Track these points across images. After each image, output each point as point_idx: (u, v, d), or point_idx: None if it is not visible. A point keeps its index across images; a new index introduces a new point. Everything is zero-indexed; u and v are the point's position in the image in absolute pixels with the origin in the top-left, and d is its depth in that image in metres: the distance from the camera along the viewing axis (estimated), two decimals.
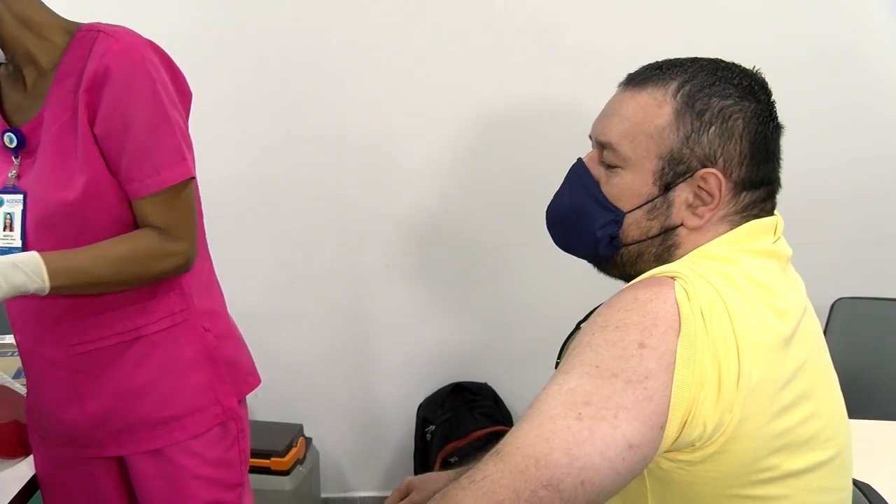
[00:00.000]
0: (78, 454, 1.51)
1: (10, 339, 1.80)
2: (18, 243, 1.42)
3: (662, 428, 0.96)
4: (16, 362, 1.76)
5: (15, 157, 1.45)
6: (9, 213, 1.43)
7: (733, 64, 1.14)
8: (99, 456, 1.52)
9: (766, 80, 1.15)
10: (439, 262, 2.57)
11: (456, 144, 2.46)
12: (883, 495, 1.22)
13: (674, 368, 0.96)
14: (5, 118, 1.45)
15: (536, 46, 2.36)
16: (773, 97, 1.13)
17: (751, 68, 1.14)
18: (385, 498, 1.46)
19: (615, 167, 1.14)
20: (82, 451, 1.51)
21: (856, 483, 1.16)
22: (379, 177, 2.47)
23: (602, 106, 1.18)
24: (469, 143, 2.45)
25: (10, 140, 1.42)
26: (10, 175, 1.44)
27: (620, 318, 1.01)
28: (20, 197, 1.42)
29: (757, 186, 1.12)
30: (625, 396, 0.96)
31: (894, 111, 2.36)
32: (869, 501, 1.21)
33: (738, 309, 1.00)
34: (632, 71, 1.17)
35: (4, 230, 1.43)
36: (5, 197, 1.43)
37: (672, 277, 1.02)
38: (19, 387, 1.66)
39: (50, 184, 1.39)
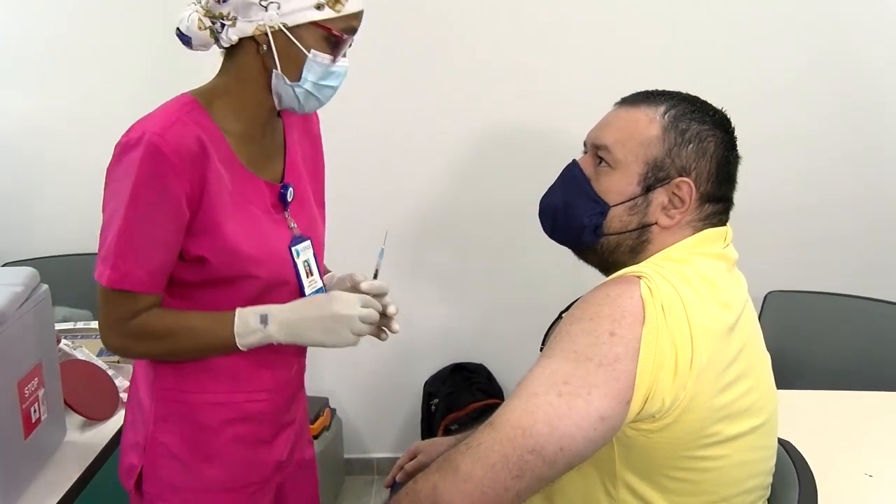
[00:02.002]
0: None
1: (95, 323, 1.79)
2: (321, 284, 1.33)
3: (628, 403, 0.99)
4: (98, 344, 1.74)
5: (285, 209, 1.29)
6: (305, 261, 1.30)
7: (707, 101, 1.17)
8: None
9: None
10: (443, 260, 2.56)
11: (458, 154, 2.45)
12: (803, 449, 1.26)
13: (638, 353, 0.99)
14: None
15: (530, 74, 2.37)
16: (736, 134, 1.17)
17: (720, 108, 1.18)
18: (397, 458, 1.51)
19: (607, 167, 1.15)
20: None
21: (780, 441, 1.20)
22: (388, 184, 2.46)
23: (583, 126, 1.21)
24: (471, 152, 2.45)
25: (291, 195, 1.29)
26: (291, 226, 1.29)
27: (594, 311, 1.03)
28: (308, 243, 1.31)
29: (717, 201, 1.15)
30: (597, 377, 0.98)
31: (823, 141, 2.38)
32: (789, 455, 1.24)
33: (691, 303, 1.03)
34: (625, 95, 1.20)
35: (308, 277, 1.30)
36: (299, 248, 1.29)
37: (638, 277, 1.05)
38: (102, 364, 1.69)
39: (320, 227, 1.38)
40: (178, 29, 1.20)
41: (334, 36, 1.15)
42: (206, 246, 1.17)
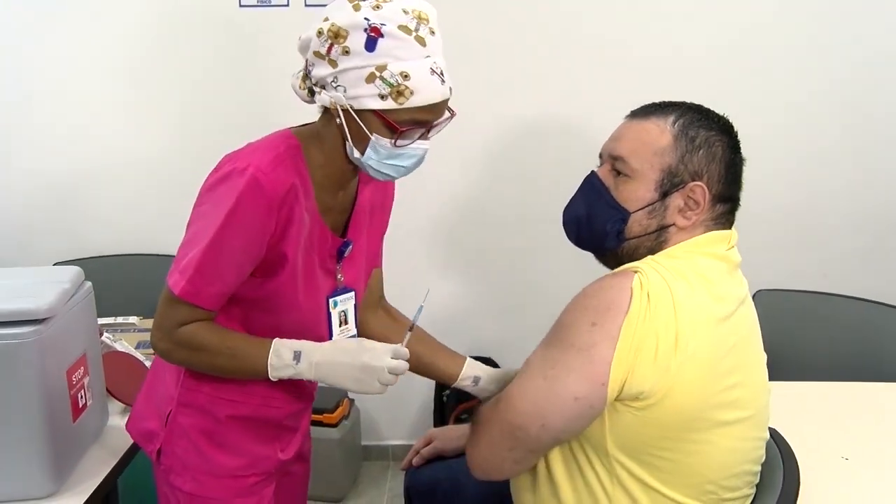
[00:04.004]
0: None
1: (133, 318, 1.87)
2: (355, 332, 1.32)
3: (604, 384, 1.04)
4: (137, 337, 1.83)
5: (338, 262, 1.28)
6: (343, 311, 1.29)
7: (711, 109, 1.19)
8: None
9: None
10: (456, 262, 2.56)
11: (473, 159, 2.45)
12: (788, 435, 1.29)
13: (617, 341, 1.03)
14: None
15: (544, 83, 2.35)
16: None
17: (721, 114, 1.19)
18: (411, 445, 1.56)
19: (625, 176, 1.16)
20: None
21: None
22: (407, 186, 2.44)
23: (603, 131, 1.23)
24: (486, 157, 2.45)
25: (349, 251, 1.28)
26: (338, 278, 1.28)
27: (584, 303, 1.10)
28: (352, 294, 1.30)
29: (726, 201, 1.17)
30: (575, 361, 1.05)
31: (813, 146, 2.39)
32: (774, 440, 1.26)
33: (681, 294, 1.06)
34: (634, 106, 1.22)
35: (341, 325, 1.29)
36: (339, 298, 1.28)
37: (635, 271, 1.08)
38: (140, 355, 1.72)
39: (364, 281, 1.36)
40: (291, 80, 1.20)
41: (392, 126, 1.10)
42: (261, 274, 1.18)
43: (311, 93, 1.16)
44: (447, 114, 1.17)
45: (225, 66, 2.39)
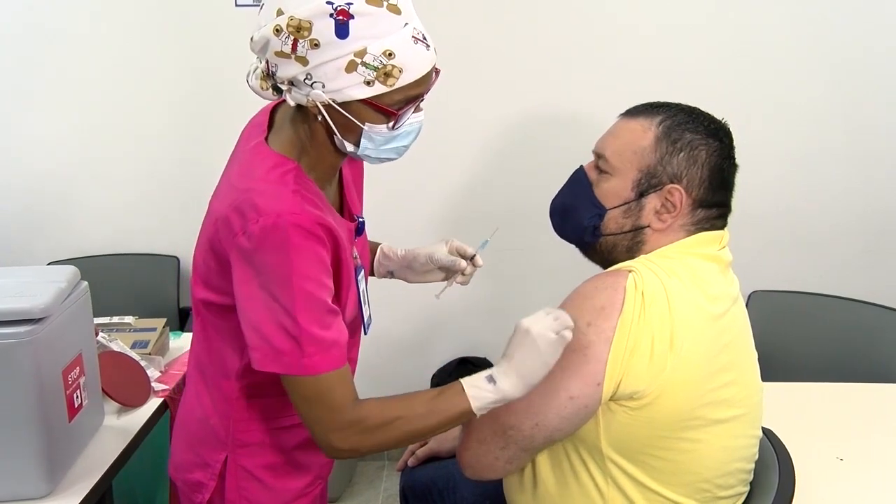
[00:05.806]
0: None
1: (129, 318, 1.86)
2: (370, 310, 1.26)
3: (600, 384, 1.04)
4: (132, 337, 1.80)
5: (353, 242, 1.19)
6: (364, 290, 1.22)
7: (707, 112, 1.18)
8: None
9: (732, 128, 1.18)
10: None
11: (468, 157, 2.45)
12: (783, 435, 1.30)
13: (612, 341, 1.04)
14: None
15: (553, 75, 2.34)
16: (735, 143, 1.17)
17: (720, 119, 1.18)
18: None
19: (606, 174, 1.17)
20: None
21: (762, 429, 1.23)
22: (403, 183, 2.40)
23: (602, 132, 1.23)
24: (481, 155, 2.44)
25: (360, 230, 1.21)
26: (354, 255, 1.17)
27: (579, 303, 1.10)
28: (362, 271, 1.22)
29: (710, 207, 1.16)
30: (570, 361, 1.05)
31: (807, 147, 2.39)
32: (769, 441, 1.27)
33: (675, 293, 1.06)
34: (627, 103, 1.22)
35: (365, 305, 1.23)
36: (359, 278, 1.19)
37: (629, 270, 1.09)
38: (135, 354, 1.70)
39: (367, 252, 1.31)
40: (247, 81, 1.09)
41: (388, 112, 1.00)
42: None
43: (277, 90, 1.05)
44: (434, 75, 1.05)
45: (221, 66, 2.38)
